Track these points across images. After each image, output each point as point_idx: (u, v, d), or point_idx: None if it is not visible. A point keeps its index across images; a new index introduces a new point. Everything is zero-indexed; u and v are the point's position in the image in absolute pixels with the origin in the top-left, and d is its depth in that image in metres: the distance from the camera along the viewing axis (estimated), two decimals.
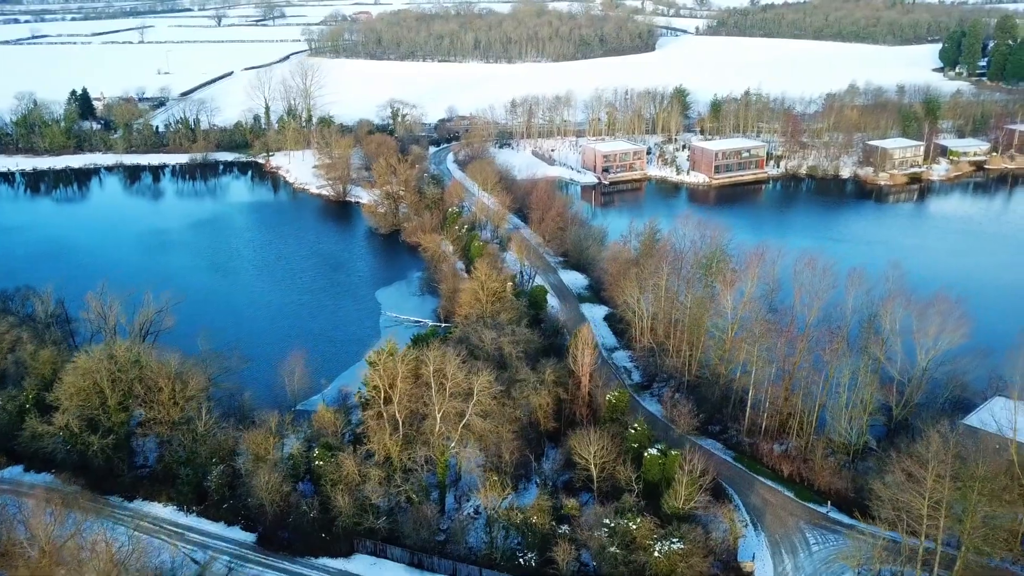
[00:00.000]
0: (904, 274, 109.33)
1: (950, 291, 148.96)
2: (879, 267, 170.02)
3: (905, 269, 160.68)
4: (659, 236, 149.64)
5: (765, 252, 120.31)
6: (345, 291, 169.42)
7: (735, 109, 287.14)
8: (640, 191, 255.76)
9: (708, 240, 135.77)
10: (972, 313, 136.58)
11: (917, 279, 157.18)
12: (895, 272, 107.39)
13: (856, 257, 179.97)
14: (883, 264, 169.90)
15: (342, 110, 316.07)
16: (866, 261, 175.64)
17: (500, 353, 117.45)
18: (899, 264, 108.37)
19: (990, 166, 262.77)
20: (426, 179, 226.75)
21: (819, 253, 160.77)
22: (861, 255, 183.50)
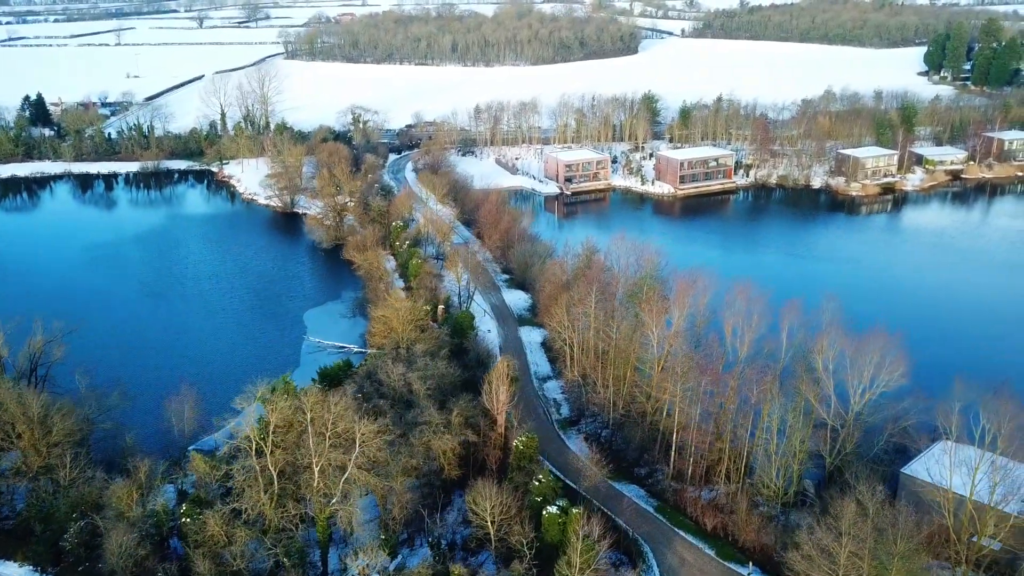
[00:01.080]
0: (841, 306, 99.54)
1: (906, 319, 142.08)
2: (834, 289, 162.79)
3: (852, 297, 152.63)
4: (596, 256, 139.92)
5: (697, 279, 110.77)
6: (272, 313, 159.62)
7: (706, 116, 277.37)
8: (604, 202, 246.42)
9: (641, 264, 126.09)
10: (923, 344, 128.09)
11: (870, 305, 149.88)
12: (831, 304, 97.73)
13: (819, 276, 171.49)
14: (839, 286, 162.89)
15: (306, 115, 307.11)
16: (829, 280, 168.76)
17: (409, 390, 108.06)
18: (835, 297, 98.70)
19: (967, 175, 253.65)
20: (375, 190, 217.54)
21: (760, 278, 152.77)
22: (824, 274, 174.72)
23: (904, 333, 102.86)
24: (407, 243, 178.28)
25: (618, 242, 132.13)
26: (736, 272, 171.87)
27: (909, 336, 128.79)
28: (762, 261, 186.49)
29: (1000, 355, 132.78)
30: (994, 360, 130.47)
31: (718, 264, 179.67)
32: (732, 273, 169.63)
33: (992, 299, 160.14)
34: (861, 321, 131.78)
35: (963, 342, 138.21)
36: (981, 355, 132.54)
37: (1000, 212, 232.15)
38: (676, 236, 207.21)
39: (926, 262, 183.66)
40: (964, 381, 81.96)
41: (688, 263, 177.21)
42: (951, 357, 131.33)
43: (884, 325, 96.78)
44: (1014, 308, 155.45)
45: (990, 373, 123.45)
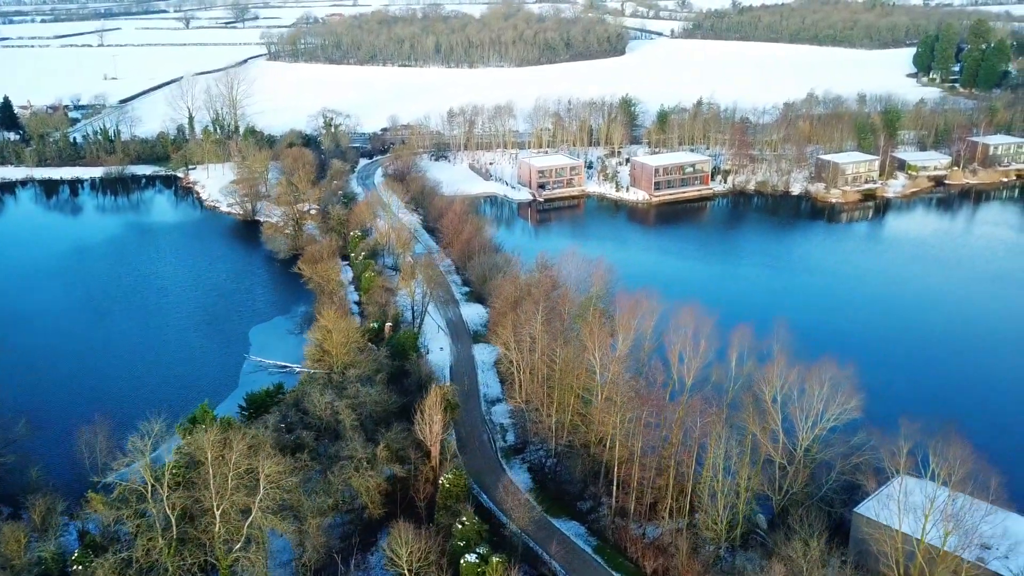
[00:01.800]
0: (792, 332, 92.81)
1: (872, 340, 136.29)
2: (801, 305, 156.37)
3: (818, 315, 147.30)
4: (549, 272, 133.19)
5: (644, 300, 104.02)
6: (218, 329, 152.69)
7: (686, 119, 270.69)
8: (579, 209, 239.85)
9: (591, 281, 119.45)
10: (884, 370, 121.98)
11: (835, 324, 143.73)
12: (781, 330, 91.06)
13: (787, 291, 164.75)
14: (805, 304, 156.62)
15: (280, 118, 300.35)
16: (797, 296, 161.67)
17: (336, 420, 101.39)
18: (785, 321, 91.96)
19: (950, 181, 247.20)
20: (338, 197, 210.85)
21: (725, 293, 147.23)
22: (793, 288, 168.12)
23: (863, 359, 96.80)
24: (363, 254, 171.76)
25: (569, 258, 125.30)
26: (700, 285, 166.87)
27: (869, 361, 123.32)
28: (731, 273, 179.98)
29: (967, 381, 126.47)
30: (961, 386, 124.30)
31: (683, 276, 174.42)
32: (695, 286, 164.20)
33: (969, 315, 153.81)
34: (820, 345, 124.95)
35: (930, 366, 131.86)
36: (948, 380, 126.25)
37: (983, 220, 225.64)
38: (646, 245, 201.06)
39: (902, 274, 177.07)
40: (913, 419, 75.49)
41: (651, 276, 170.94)
42: (915, 383, 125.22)
43: (838, 352, 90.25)
44: (990, 325, 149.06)
45: (954, 402, 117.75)
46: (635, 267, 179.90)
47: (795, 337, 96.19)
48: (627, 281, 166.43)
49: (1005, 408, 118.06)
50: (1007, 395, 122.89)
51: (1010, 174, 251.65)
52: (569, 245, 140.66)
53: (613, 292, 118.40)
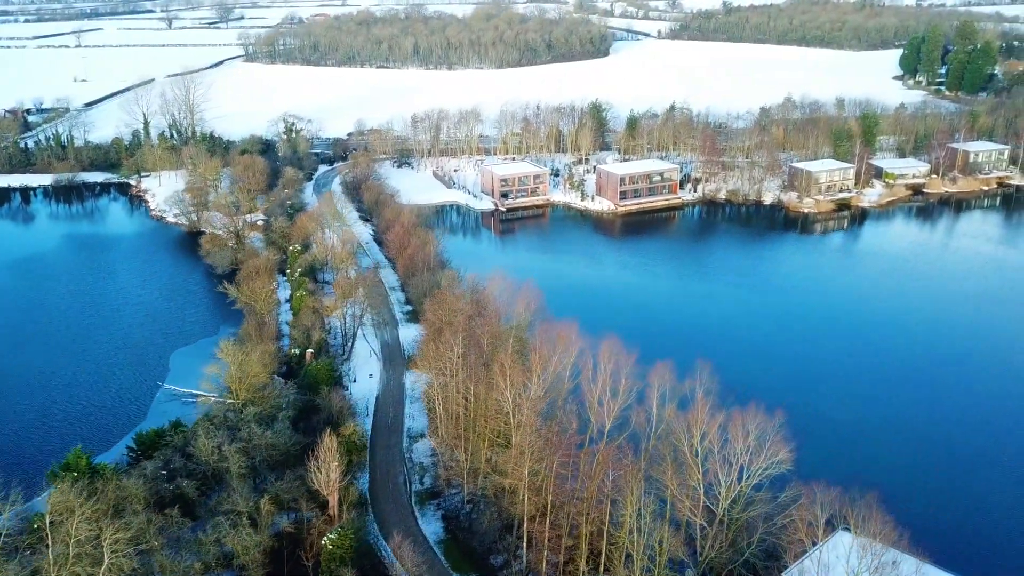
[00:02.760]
0: (727, 369, 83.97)
1: (819, 375, 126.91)
2: (752, 330, 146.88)
3: (767, 344, 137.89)
4: (479, 295, 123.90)
5: (567, 331, 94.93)
6: (138, 353, 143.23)
7: (657, 125, 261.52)
8: (544, 218, 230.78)
9: (523, 308, 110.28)
10: (826, 412, 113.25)
11: (780, 355, 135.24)
12: (704, 371, 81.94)
13: (742, 313, 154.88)
14: (759, 329, 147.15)
15: (240, 124, 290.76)
16: (753, 319, 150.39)
17: (225, 466, 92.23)
18: (707, 364, 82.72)
19: (928, 190, 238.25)
20: (285, 207, 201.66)
21: (673, 315, 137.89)
22: (749, 310, 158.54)
23: (808, 397, 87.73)
24: (299, 271, 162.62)
25: (496, 281, 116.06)
26: (652, 306, 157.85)
27: (815, 400, 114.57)
28: (687, 291, 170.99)
29: (925, 420, 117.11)
30: (915, 427, 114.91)
31: (636, 295, 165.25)
32: (645, 308, 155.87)
33: (938, 343, 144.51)
34: (761, 380, 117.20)
35: (884, 403, 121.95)
36: (902, 420, 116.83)
37: (962, 232, 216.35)
38: (604, 259, 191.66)
39: (870, 292, 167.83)
40: (846, 474, 66.61)
41: (601, 296, 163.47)
42: (864, 423, 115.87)
43: (782, 390, 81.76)
44: (961, 353, 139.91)
45: (904, 450, 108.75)
46: (587, 285, 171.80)
47: (735, 371, 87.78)
48: (568, 303, 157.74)
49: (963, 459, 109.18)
50: (969, 436, 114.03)
51: (991, 182, 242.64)
52: (502, 266, 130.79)
53: (542, 319, 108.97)
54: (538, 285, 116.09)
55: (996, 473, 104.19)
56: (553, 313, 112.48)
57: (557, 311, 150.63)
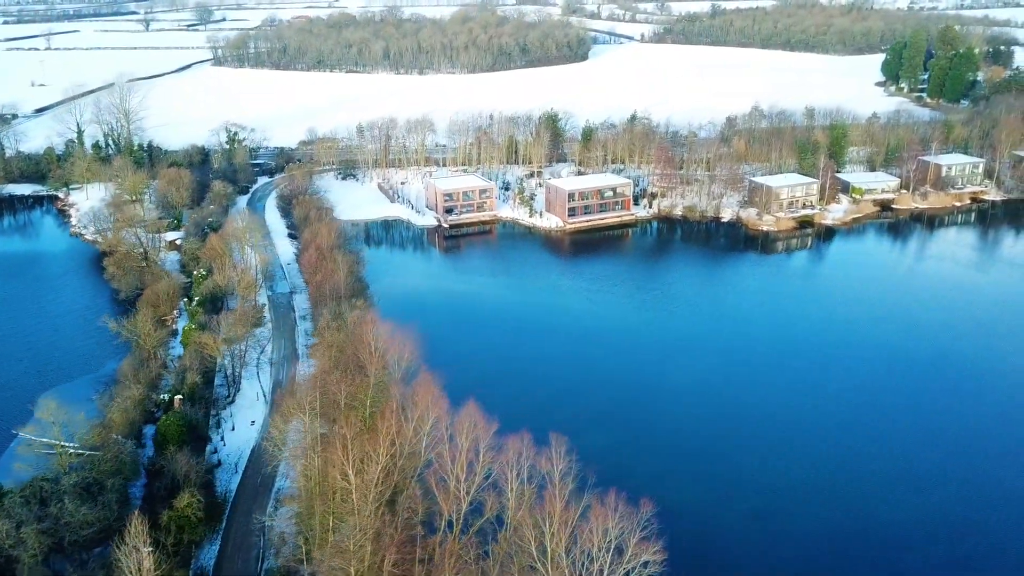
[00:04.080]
0: (576, 452, 70.59)
1: (732, 442, 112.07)
2: (669, 377, 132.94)
3: (679, 390, 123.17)
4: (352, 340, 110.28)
5: (428, 391, 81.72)
6: (10, 394, 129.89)
7: (613, 136, 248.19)
8: (491, 235, 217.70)
9: (400, 356, 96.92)
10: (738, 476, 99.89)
11: (690, 406, 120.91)
12: (560, 447, 68.48)
13: (669, 352, 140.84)
14: (678, 371, 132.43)
15: (183, 132, 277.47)
16: (679, 357, 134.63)
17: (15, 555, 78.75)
18: (564, 439, 69.45)
19: (898, 206, 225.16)
20: (204, 225, 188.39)
21: (583, 358, 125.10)
22: (684, 343, 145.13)
23: (723, 467, 74.03)
24: (197, 299, 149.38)
25: (368, 325, 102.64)
26: (561, 346, 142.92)
27: (730, 469, 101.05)
28: (616, 321, 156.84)
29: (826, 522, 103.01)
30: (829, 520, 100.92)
31: (561, 326, 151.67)
32: (555, 349, 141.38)
33: (885, 390, 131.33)
34: (663, 447, 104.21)
35: (803, 473, 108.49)
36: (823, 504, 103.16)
37: (930, 253, 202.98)
38: (537, 284, 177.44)
39: (819, 327, 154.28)
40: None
41: (513, 333, 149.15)
42: (785, 498, 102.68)
43: (674, 462, 68.24)
44: (911, 403, 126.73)
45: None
46: (505, 314, 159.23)
47: (644, 429, 74.14)
48: (473, 341, 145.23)
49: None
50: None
51: (964, 198, 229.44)
52: (431, 291, 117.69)
53: (416, 372, 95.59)
54: (449, 317, 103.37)
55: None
56: (445, 358, 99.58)
57: (452, 354, 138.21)
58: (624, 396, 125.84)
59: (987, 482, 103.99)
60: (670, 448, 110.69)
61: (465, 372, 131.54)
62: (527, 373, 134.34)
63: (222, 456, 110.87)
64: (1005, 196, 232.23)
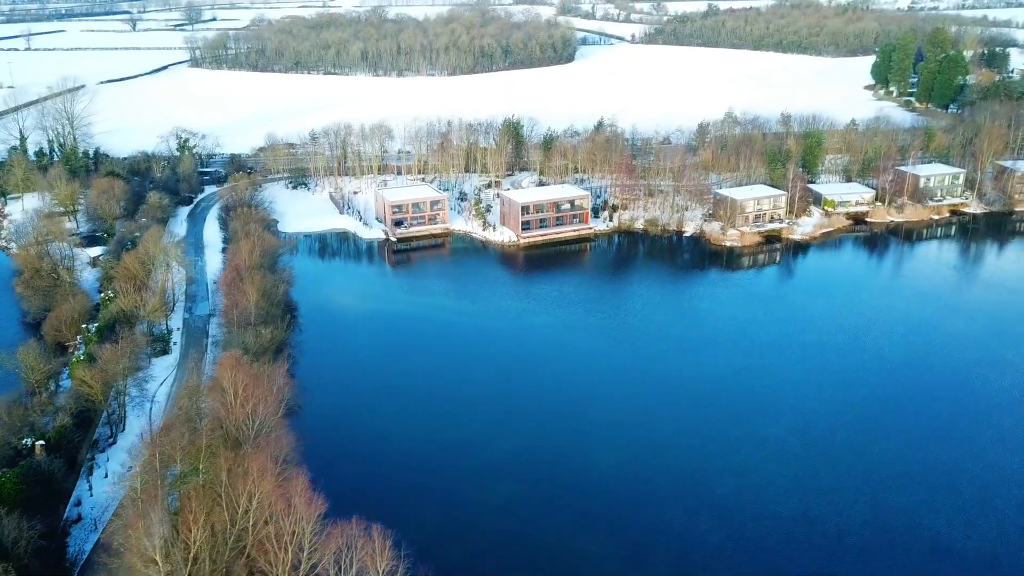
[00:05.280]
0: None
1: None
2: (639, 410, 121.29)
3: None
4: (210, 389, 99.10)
5: (281, 443, 70.53)
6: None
7: (574, 145, 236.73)
8: (443, 249, 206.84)
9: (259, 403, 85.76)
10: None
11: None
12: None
13: (612, 385, 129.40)
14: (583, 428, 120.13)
15: (138, 138, 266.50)
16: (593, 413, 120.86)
17: None
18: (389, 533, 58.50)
19: (872, 219, 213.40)
20: (121, 242, 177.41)
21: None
22: (626, 376, 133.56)
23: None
24: (96, 325, 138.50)
25: (227, 368, 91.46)
26: (490, 386, 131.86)
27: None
28: (548, 352, 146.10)
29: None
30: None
31: (482, 365, 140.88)
32: (457, 392, 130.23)
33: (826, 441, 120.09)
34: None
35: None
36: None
37: (904, 272, 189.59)
38: (476, 305, 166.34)
39: (768, 359, 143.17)
40: None
41: (424, 367, 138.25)
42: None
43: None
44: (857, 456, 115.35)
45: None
46: (431, 342, 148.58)
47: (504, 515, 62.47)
48: (379, 377, 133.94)
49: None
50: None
51: (942, 210, 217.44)
52: (355, 315, 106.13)
53: (272, 428, 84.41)
54: (372, 343, 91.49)
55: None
56: (339, 397, 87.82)
57: (353, 391, 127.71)
58: (536, 448, 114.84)
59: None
60: (579, 521, 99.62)
61: (352, 418, 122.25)
62: (431, 414, 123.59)
63: (85, 510, 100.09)
64: (987, 209, 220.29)
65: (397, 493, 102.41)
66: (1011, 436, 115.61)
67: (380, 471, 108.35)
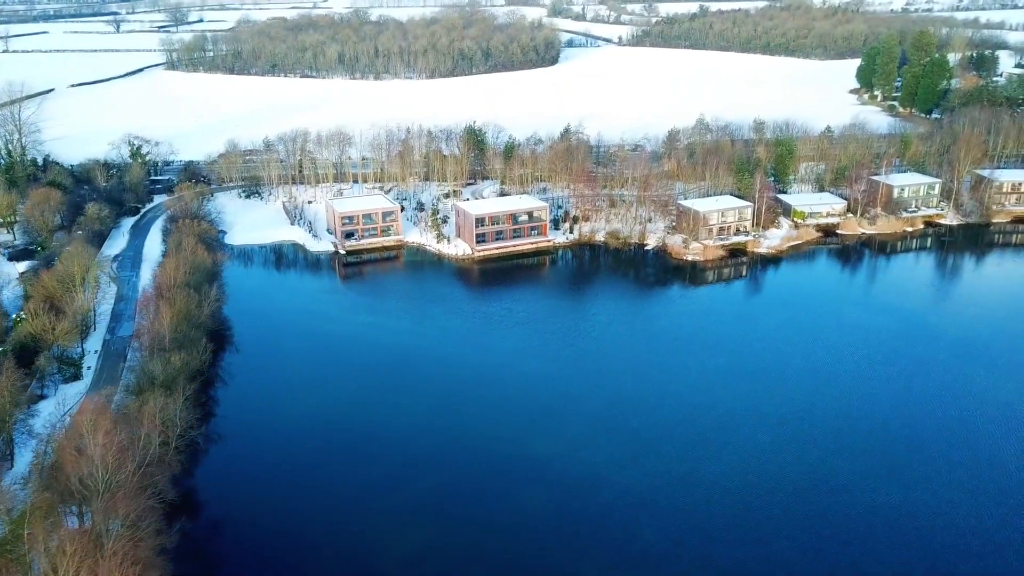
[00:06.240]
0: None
1: None
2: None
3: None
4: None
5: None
6: None
7: (533, 153, 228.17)
8: (396, 262, 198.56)
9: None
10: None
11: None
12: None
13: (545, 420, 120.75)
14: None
15: (96, 145, 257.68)
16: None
17: None
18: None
19: (843, 231, 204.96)
20: (47, 256, 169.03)
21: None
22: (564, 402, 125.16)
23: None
24: (2, 350, 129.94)
25: (85, 415, 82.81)
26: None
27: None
28: (470, 381, 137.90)
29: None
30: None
31: (414, 387, 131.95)
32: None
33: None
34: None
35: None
36: None
37: (869, 289, 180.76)
38: (420, 325, 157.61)
39: (698, 396, 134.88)
40: None
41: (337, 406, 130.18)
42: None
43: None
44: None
45: None
46: (361, 368, 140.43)
47: None
48: (283, 418, 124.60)
49: None
50: None
51: (916, 222, 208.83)
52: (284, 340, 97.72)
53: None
54: (291, 370, 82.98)
55: None
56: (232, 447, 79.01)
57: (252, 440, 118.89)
58: (459, 488, 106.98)
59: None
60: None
61: (263, 453, 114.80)
62: (353, 449, 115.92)
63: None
64: (963, 220, 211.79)
65: (293, 548, 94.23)
66: (958, 470, 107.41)
67: (279, 519, 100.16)
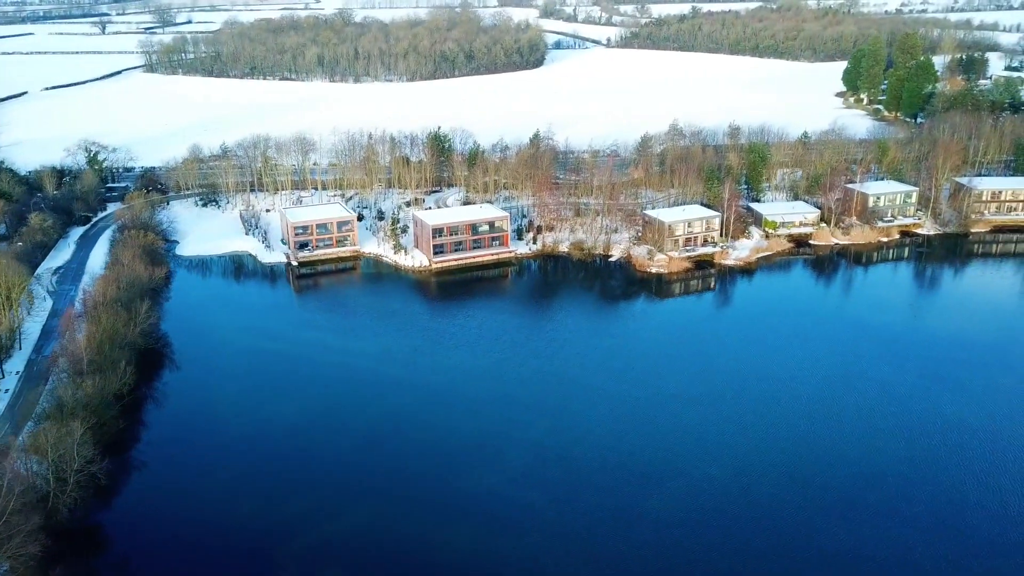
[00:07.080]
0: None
1: None
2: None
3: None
4: None
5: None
6: None
7: (500, 160, 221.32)
8: (352, 274, 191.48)
9: None
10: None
11: None
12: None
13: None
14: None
15: (55, 150, 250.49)
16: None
17: None
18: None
19: (816, 241, 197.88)
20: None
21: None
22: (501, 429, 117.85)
23: None
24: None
25: None
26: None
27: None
28: (409, 411, 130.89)
29: None
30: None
31: (351, 418, 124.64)
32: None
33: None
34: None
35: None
36: None
37: (839, 303, 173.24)
38: (364, 344, 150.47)
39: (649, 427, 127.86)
40: None
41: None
42: None
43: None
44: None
45: None
46: (294, 393, 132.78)
47: None
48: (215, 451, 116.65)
49: None
50: None
51: (892, 232, 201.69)
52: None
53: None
54: (225, 395, 75.78)
55: None
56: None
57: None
58: (384, 527, 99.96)
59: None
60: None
61: (183, 485, 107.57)
62: (277, 480, 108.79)
63: None
64: (940, 230, 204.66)
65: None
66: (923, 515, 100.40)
67: (185, 560, 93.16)
